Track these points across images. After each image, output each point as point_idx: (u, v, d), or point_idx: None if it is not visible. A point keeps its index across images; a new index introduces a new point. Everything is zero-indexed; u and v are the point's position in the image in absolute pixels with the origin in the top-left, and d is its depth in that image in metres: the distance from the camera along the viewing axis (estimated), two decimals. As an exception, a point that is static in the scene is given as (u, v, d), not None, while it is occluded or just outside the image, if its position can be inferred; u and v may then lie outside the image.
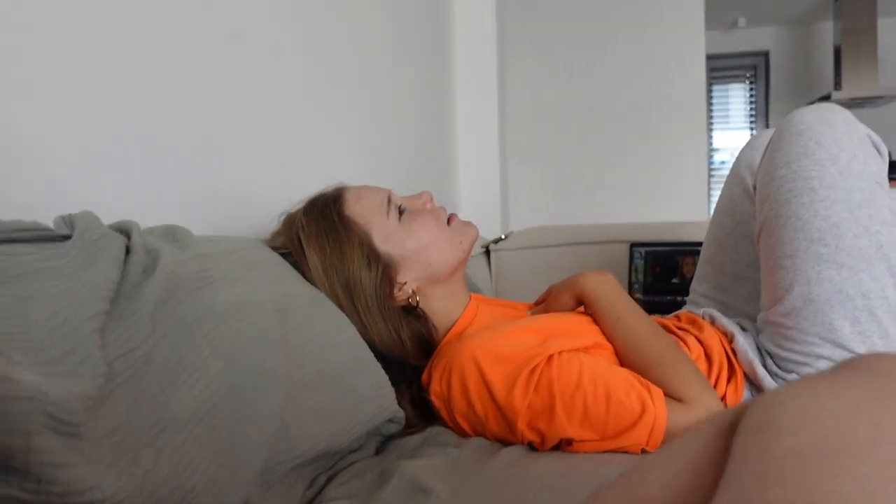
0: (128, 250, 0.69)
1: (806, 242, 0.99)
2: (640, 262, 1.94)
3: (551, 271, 2.04)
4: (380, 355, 0.98)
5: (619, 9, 3.53)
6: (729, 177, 1.32)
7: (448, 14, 2.87)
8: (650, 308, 1.92)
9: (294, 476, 0.78)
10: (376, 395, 0.92)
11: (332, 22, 1.64)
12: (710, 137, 6.96)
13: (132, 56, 0.94)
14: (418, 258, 1.00)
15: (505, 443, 0.93)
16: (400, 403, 0.98)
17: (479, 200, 2.95)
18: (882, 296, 0.97)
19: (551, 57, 3.58)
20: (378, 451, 0.95)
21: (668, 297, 1.88)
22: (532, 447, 0.92)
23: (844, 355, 0.97)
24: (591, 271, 1.09)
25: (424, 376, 1.01)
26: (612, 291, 1.05)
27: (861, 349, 0.96)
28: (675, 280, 1.87)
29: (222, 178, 1.16)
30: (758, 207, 1.08)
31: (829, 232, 0.97)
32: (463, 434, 0.96)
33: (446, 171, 2.75)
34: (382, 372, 0.95)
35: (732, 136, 6.88)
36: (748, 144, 1.31)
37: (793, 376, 1.00)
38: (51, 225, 0.71)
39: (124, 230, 0.75)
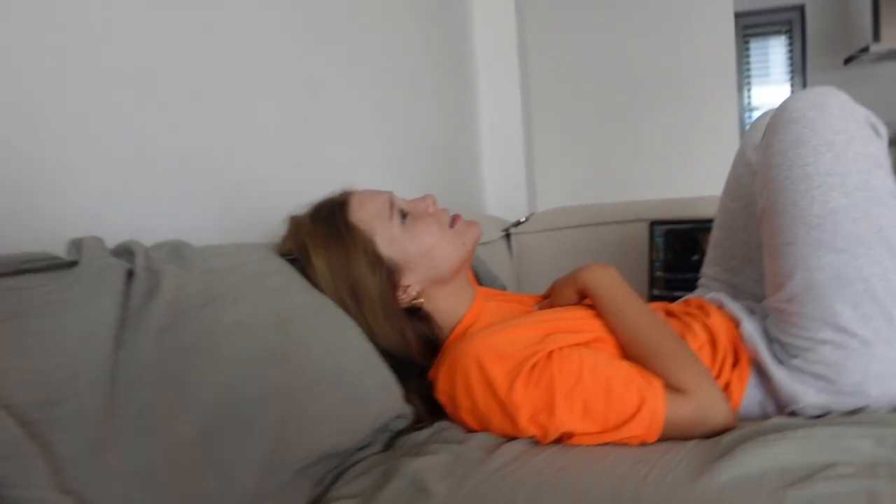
0: (131, 273, 0.73)
1: (805, 229, 0.99)
2: (660, 241, 1.94)
3: (572, 253, 2.05)
4: (389, 354, 1.02)
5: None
6: (735, 159, 1.32)
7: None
8: (671, 285, 1.94)
9: (301, 476, 0.82)
10: (383, 395, 0.96)
11: (339, 3, 1.66)
12: (749, 95, 6.81)
13: (133, 64, 0.98)
14: (422, 261, 1.03)
15: (508, 438, 0.96)
16: (409, 399, 1.02)
17: (504, 180, 2.95)
18: (884, 278, 0.97)
19: (573, 25, 3.53)
20: (387, 447, 0.99)
21: (689, 274, 1.87)
22: (534, 441, 0.95)
23: (847, 339, 0.97)
24: (594, 264, 1.11)
25: (431, 373, 1.04)
26: (613, 284, 1.07)
27: (864, 332, 0.97)
28: (695, 257, 1.86)
29: (235, 181, 1.20)
30: (757, 195, 1.08)
31: (827, 217, 0.97)
32: (469, 429, 0.99)
33: (469, 153, 2.76)
34: (389, 372, 0.99)
35: (773, 91, 6.72)
36: (753, 126, 1.30)
37: (798, 361, 1.01)
38: (63, 247, 0.76)
39: (129, 251, 0.79)
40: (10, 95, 0.80)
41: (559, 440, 0.94)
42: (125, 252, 0.80)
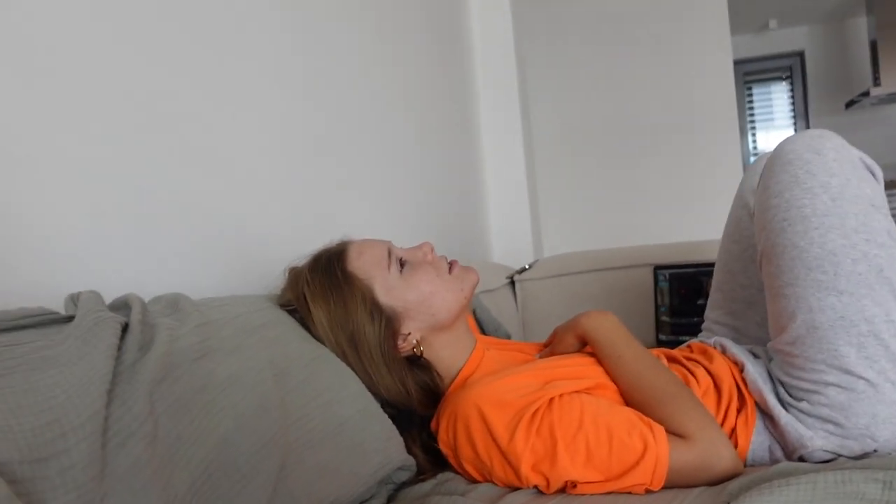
0: (126, 327, 0.73)
1: (805, 270, 0.98)
2: (664, 285, 1.93)
3: (577, 299, 2.05)
4: (389, 404, 1.01)
5: (640, 22, 3.52)
6: (734, 201, 1.32)
7: (466, 37, 2.90)
8: (678, 329, 1.92)
9: (302, 532, 0.81)
10: (384, 447, 0.94)
11: (342, 57, 1.68)
12: (754, 139, 6.85)
13: (128, 116, 0.98)
14: (420, 309, 1.03)
15: (512, 488, 0.94)
16: (411, 450, 1.01)
17: (509, 228, 2.96)
18: (887, 319, 0.96)
19: (574, 74, 3.59)
20: (390, 500, 0.98)
21: (696, 319, 1.86)
22: (538, 491, 0.93)
23: (852, 381, 0.96)
24: (594, 311, 1.11)
25: (433, 424, 1.03)
26: (612, 330, 1.06)
27: (869, 374, 0.95)
28: (700, 301, 1.85)
29: (238, 234, 1.21)
30: (756, 236, 1.08)
31: (827, 259, 0.97)
32: (472, 480, 0.98)
33: (474, 202, 2.78)
34: (390, 422, 0.98)
35: (778, 135, 6.75)
36: (751, 168, 1.31)
37: (804, 405, 0.99)
38: (61, 303, 0.77)
39: (126, 304, 0.79)
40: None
41: (563, 489, 0.92)
42: (122, 306, 0.80)
